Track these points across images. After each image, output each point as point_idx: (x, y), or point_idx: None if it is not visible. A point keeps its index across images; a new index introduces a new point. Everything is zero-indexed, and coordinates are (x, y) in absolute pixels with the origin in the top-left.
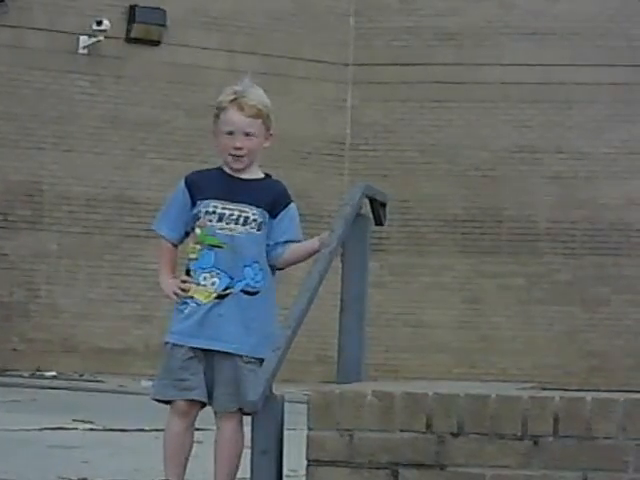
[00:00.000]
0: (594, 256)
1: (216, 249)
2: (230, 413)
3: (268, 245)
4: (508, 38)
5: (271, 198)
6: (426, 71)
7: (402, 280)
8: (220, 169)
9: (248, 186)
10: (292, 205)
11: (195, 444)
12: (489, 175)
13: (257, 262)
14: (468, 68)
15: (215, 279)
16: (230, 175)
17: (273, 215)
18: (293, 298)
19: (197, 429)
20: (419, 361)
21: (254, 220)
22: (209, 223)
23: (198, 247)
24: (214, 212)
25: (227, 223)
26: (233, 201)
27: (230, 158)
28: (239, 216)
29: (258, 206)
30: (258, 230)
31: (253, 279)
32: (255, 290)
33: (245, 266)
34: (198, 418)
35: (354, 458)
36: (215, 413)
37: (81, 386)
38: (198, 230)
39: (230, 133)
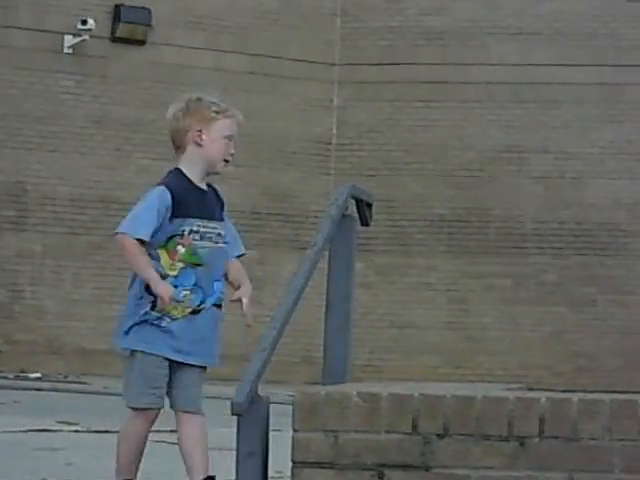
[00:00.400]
0: (581, 256)
1: (197, 267)
2: (198, 408)
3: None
4: (494, 38)
5: (221, 207)
6: (412, 71)
7: (388, 280)
8: (185, 177)
9: (210, 199)
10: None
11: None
12: (475, 175)
13: (223, 275)
14: (454, 68)
15: (193, 295)
16: (197, 187)
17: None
18: (279, 299)
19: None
20: (405, 362)
21: (223, 235)
22: (193, 242)
23: (180, 265)
24: (197, 231)
25: (207, 241)
26: (210, 219)
27: (222, 163)
28: (213, 233)
29: (221, 220)
30: (225, 243)
31: (221, 292)
32: (221, 302)
33: (215, 280)
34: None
35: (339, 459)
36: (182, 412)
37: (66, 387)
38: (181, 248)
39: (229, 139)
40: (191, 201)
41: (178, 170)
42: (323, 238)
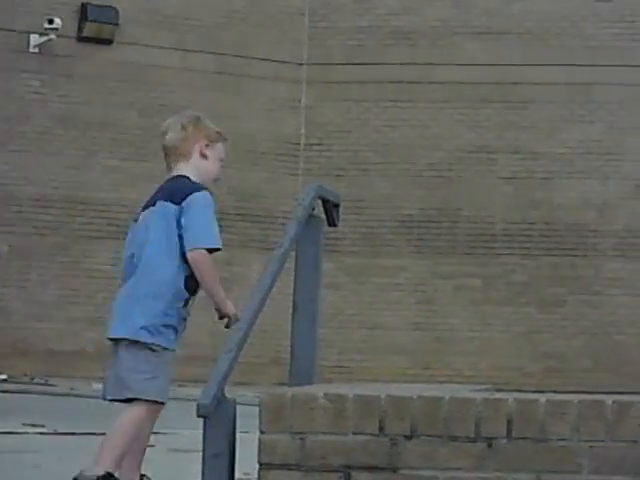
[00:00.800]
0: (550, 257)
1: None
2: None
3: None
4: (463, 38)
5: None
6: (381, 70)
7: (357, 281)
8: None
9: None
10: None
11: (149, 448)
12: (444, 175)
13: None
14: (423, 68)
15: None
16: None
17: None
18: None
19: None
20: (374, 363)
21: None
22: None
23: None
24: None
25: None
26: None
27: (212, 182)
28: None
29: None
30: None
31: None
32: None
33: None
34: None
35: (306, 461)
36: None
37: (32, 389)
38: None
39: (222, 161)
40: None
41: (187, 178)
42: (289, 239)
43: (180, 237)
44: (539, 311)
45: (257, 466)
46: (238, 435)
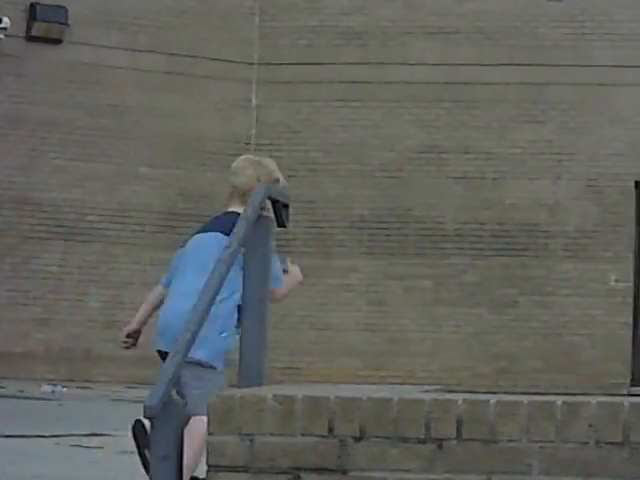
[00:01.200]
0: (501, 257)
1: None
2: None
3: None
4: (414, 37)
5: None
6: (331, 70)
7: (308, 282)
8: None
9: None
10: None
11: (97, 450)
12: (395, 176)
13: None
14: (374, 67)
15: None
16: None
17: None
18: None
19: (96, 434)
20: (325, 364)
21: None
22: None
23: None
24: None
25: None
26: None
27: None
28: None
29: None
30: None
31: None
32: None
33: None
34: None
35: (255, 463)
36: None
37: None
38: None
39: None
40: None
41: None
42: (238, 239)
43: None
44: (490, 312)
45: (205, 468)
46: None
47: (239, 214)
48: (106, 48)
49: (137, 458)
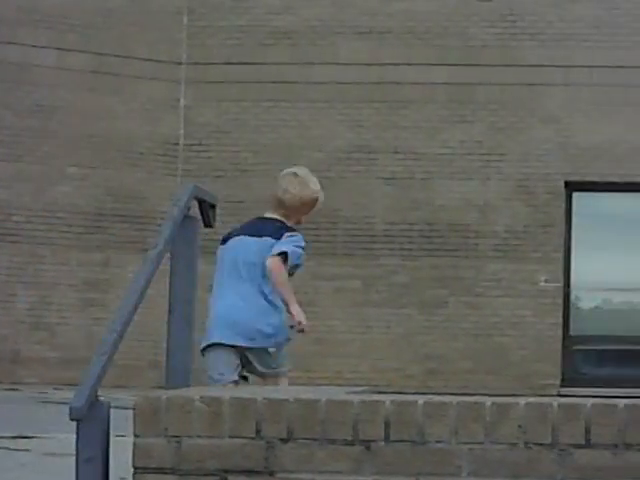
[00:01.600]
0: (431, 258)
1: None
2: None
3: None
4: (343, 37)
5: None
6: (260, 70)
7: None
8: None
9: None
10: None
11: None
12: (324, 176)
13: None
14: (302, 67)
15: None
16: None
17: None
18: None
19: (23, 437)
20: None
21: None
22: None
23: None
24: None
25: None
26: None
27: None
28: None
29: None
30: None
31: None
32: None
33: None
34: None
35: (182, 465)
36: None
37: None
38: None
39: None
40: None
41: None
42: (164, 239)
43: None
44: (420, 312)
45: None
46: (115, 439)
47: (281, 221)
48: (33, 47)
49: (65, 460)
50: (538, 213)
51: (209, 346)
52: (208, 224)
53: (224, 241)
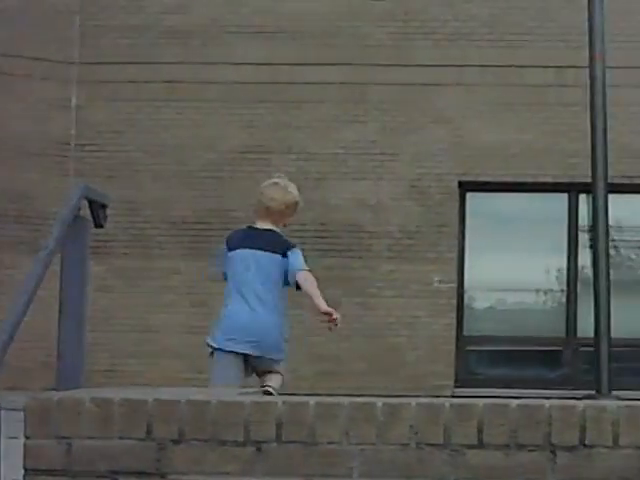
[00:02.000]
0: (325, 258)
1: None
2: None
3: None
4: (236, 37)
5: None
6: (153, 70)
7: (129, 284)
8: None
9: None
10: None
11: None
12: (217, 176)
13: None
14: (196, 67)
15: None
16: None
17: None
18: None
19: None
20: (147, 367)
21: None
22: None
23: None
24: None
25: None
26: None
27: None
28: None
29: None
30: None
31: None
32: None
33: None
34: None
35: (72, 466)
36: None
37: None
38: None
39: None
40: None
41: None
42: (54, 240)
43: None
44: (313, 313)
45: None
46: (7, 441)
47: (279, 234)
48: None
49: None
50: (432, 213)
51: (220, 349)
52: (99, 224)
53: (230, 248)
